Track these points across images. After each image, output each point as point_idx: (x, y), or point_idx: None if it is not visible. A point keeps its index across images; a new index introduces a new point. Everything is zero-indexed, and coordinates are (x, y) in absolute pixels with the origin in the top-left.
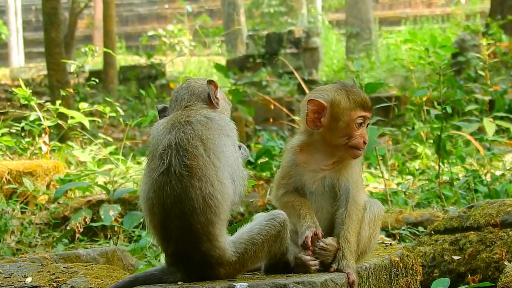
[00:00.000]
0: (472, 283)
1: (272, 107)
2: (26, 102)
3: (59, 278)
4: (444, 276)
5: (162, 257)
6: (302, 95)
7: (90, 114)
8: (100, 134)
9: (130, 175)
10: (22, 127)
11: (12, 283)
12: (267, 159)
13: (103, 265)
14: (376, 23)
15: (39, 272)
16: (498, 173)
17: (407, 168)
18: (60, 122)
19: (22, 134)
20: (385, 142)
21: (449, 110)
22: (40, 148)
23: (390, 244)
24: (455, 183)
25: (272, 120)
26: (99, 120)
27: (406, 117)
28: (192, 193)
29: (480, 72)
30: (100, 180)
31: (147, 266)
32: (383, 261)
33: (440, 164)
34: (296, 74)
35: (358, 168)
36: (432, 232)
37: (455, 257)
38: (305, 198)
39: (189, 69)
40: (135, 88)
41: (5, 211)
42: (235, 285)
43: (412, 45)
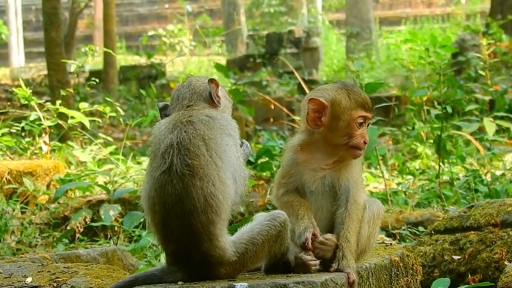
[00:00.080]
0: (472, 283)
1: (272, 107)
2: (26, 102)
3: (59, 278)
4: (444, 276)
5: (162, 257)
6: (302, 95)
7: (90, 114)
8: (100, 134)
9: (130, 175)
10: (22, 127)
11: (12, 283)
12: (267, 159)
13: (103, 265)
14: (376, 23)
15: (39, 272)
16: (498, 173)
17: (407, 168)
18: (60, 122)
19: (22, 134)
20: (385, 142)
21: (449, 110)
22: (41, 148)
23: (390, 244)
24: (455, 183)
25: (272, 120)
26: (99, 120)
27: (406, 117)
28: (193, 193)
29: (480, 72)
30: (100, 180)
31: (147, 266)
32: (383, 261)
33: (440, 164)
34: (296, 74)
35: (358, 168)
36: (432, 232)
37: (455, 257)
38: (305, 198)
39: (189, 69)
40: (135, 88)
41: (5, 211)
42: (235, 285)
43: (412, 45)
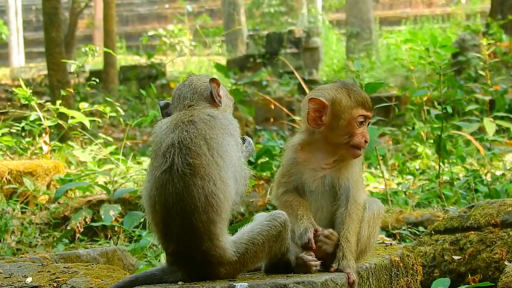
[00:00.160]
0: (473, 283)
1: (273, 107)
2: (27, 102)
3: (59, 278)
4: (445, 276)
5: (163, 257)
6: (303, 95)
7: (91, 114)
8: (101, 134)
9: (131, 175)
10: (23, 127)
11: (13, 283)
12: (268, 159)
13: (104, 265)
14: (377, 23)
15: (40, 272)
16: (499, 173)
17: (408, 168)
18: (61, 122)
19: (23, 134)
20: (386, 142)
21: (450, 110)
22: (41, 148)
23: (391, 244)
24: (456, 183)
25: (273, 120)
26: (100, 120)
27: (407, 117)
28: (194, 192)
29: (481, 72)
30: (101, 180)
31: (148, 266)
32: (384, 261)
33: (441, 164)
34: (297, 74)
35: (359, 168)
36: (433, 232)
37: (456, 257)
38: (305, 197)
39: (190, 69)
40: (136, 88)
41: (6, 211)
42: (236, 285)
43: (413, 45)
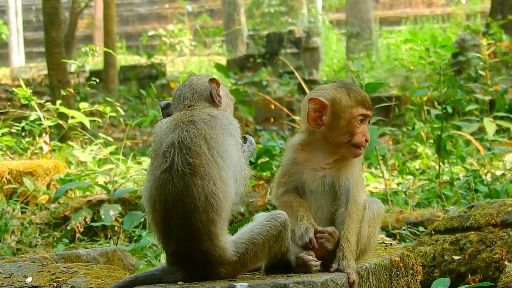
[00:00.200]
0: (473, 283)
1: (273, 107)
2: (27, 102)
3: (60, 278)
4: (445, 276)
5: (163, 257)
6: (303, 95)
7: (91, 114)
8: (101, 134)
9: (131, 175)
10: (23, 127)
11: (13, 283)
12: (268, 159)
13: (104, 265)
14: (377, 23)
15: (40, 272)
16: (499, 173)
17: (408, 168)
18: (61, 122)
19: (23, 134)
20: (386, 142)
21: (450, 110)
22: (41, 148)
23: (391, 244)
24: (456, 183)
25: (273, 120)
26: (100, 120)
27: (407, 117)
28: (194, 191)
29: (481, 72)
30: (101, 180)
31: (148, 266)
32: (384, 261)
33: (441, 164)
34: (297, 74)
35: (359, 168)
36: (433, 232)
37: (456, 257)
38: (305, 197)
39: (190, 69)
40: (136, 88)
41: (6, 211)
42: (236, 285)
43: (413, 45)
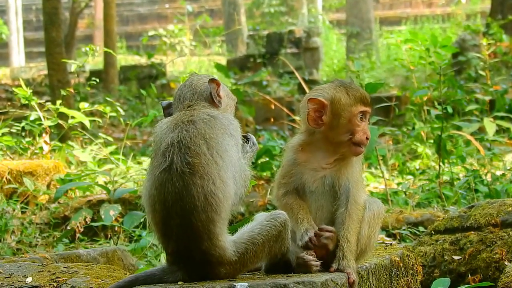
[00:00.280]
0: (473, 283)
1: (273, 107)
2: (27, 102)
3: (60, 278)
4: (445, 276)
5: (163, 257)
6: (303, 95)
7: (91, 114)
8: (101, 134)
9: (131, 175)
10: (23, 127)
11: (13, 283)
12: (268, 159)
13: (104, 265)
14: (377, 23)
15: (40, 272)
16: (499, 173)
17: (408, 168)
18: (61, 122)
19: (23, 134)
20: (386, 142)
21: (450, 110)
22: (41, 148)
23: (391, 244)
24: (456, 183)
25: (273, 120)
26: (100, 120)
27: (407, 117)
28: (194, 191)
29: (481, 72)
30: (101, 180)
31: (148, 266)
32: (384, 261)
33: (441, 164)
34: (297, 74)
35: (359, 168)
36: (433, 232)
37: (456, 257)
38: (305, 197)
39: (190, 69)
40: (136, 88)
41: (6, 211)
42: (236, 285)
43: (413, 45)
